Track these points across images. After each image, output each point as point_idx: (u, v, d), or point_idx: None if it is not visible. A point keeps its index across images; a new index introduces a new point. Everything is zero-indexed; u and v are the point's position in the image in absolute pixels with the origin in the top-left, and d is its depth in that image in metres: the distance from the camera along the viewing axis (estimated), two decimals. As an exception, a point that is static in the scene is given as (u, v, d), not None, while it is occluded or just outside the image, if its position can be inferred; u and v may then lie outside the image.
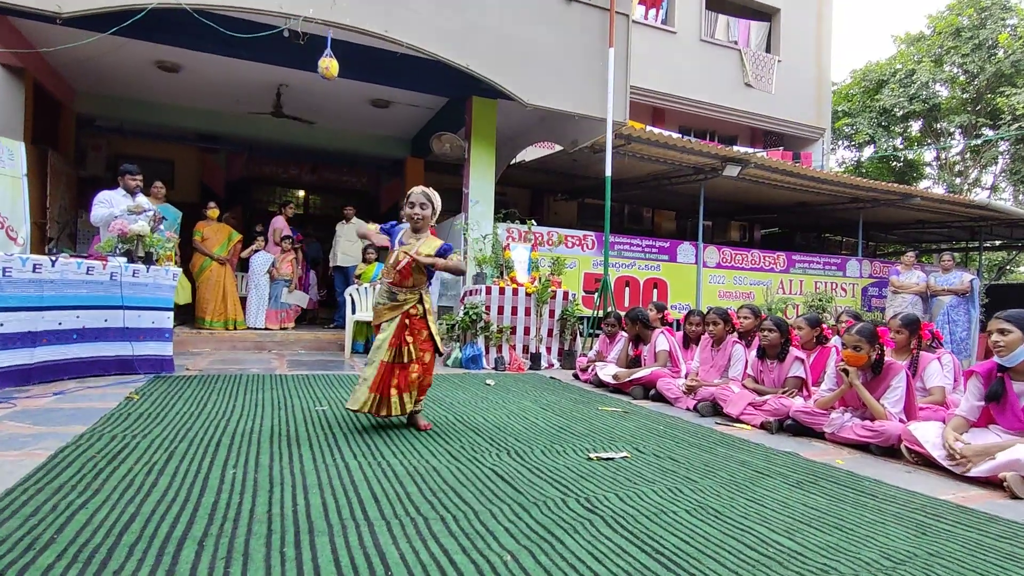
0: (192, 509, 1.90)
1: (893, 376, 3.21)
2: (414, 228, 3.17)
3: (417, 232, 3.17)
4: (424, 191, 3.14)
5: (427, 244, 3.12)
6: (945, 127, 17.61)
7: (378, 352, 3.11)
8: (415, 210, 3.11)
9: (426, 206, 3.12)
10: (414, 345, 3.11)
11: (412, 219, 3.13)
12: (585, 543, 1.78)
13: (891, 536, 1.95)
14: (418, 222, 3.13)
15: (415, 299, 3.15)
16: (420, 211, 3.10)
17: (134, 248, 4.57)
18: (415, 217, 3.12)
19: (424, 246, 3.10)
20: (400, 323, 3.10)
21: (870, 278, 10.57)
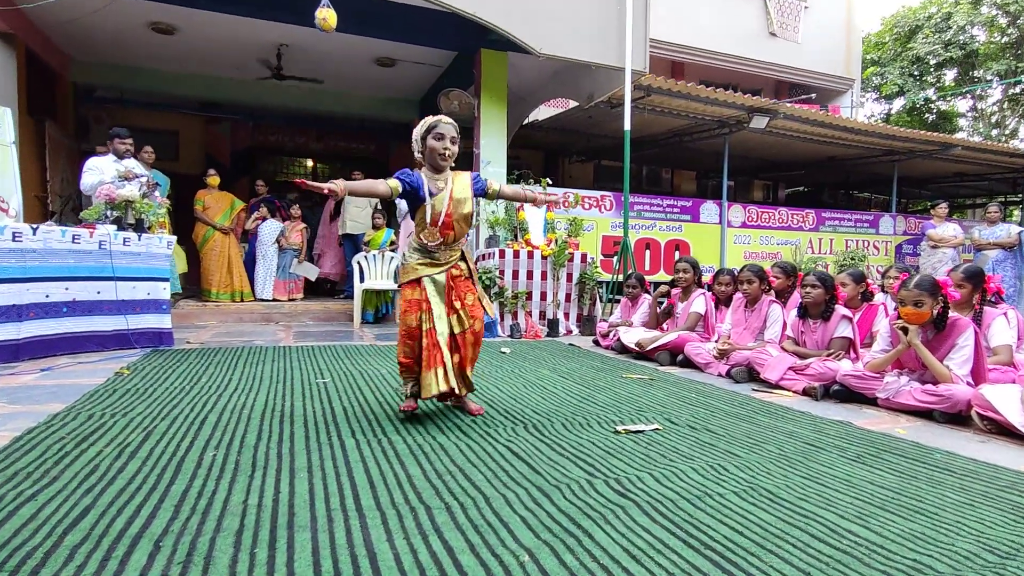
0: (157, 499, 1.64)
1: (959, 334, 2.84)
2: (436, 168, 2.57)
3: (439, 172, 2.58)
4: (452, 121, 2.55)
5: (460, 181, 2.61)
6: (982, 75, 16.59)
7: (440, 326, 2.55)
8: (445, 144, 2.50)
9: (456, 140, 2.55)
10: (463, 311, 2.60)
11: (443, 156, 2.52)
12: (618, 536, 1.48)
13: (985, 522, 1.62)
14: (447, 160, 2.54)
15: (457, 257, 2.65)
16: (452, 147, 2.53)
17: (123, 215, 4.30)
18: (447, 154, 2.52)
19: (459, 184, 2.59)
20: (447, 286, 2.60)
21: (904, 235, 10.03)
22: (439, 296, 2.57)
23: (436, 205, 2.52)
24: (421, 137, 2.54)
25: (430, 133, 2.51)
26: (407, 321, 2.54)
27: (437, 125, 2.51)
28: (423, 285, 2.56)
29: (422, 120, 2.56)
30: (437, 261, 2.59)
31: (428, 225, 2.53)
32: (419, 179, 2.53)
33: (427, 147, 2.53)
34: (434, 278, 2.57)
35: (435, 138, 2.50)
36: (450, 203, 2.54)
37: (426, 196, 2.52)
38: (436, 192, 2.53)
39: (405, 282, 2.59)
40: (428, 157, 2.55)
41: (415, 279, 2.57)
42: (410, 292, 2.57)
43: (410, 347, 2.54)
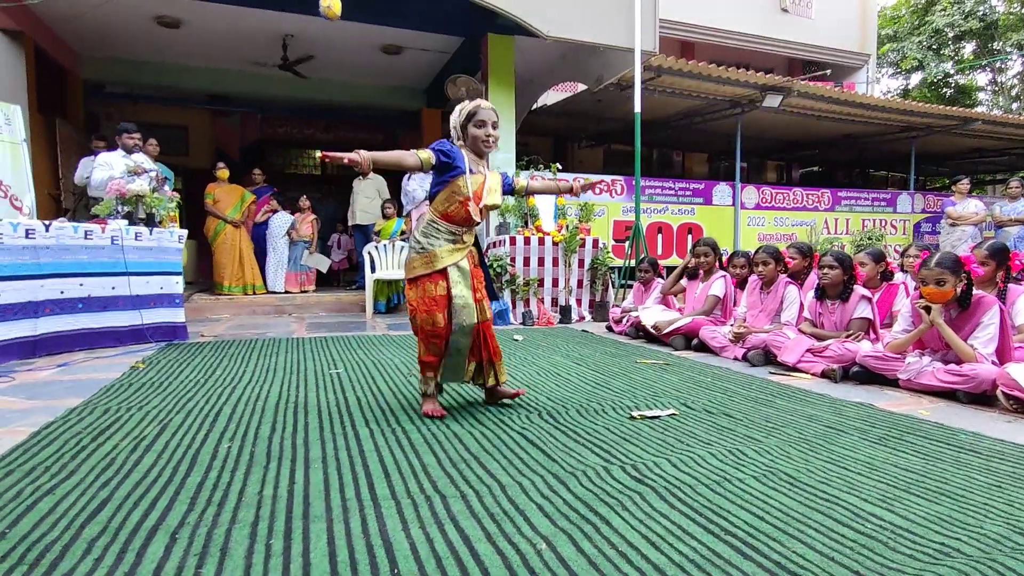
0: (173, 492, 1.64)
1: (984, 312, 2.76)
2: (479, 154, 2.47)
3: (480, 158, 2.49)
4: (491, 105, 2.44)
5: (495, 176, 2.53)
6: (1002, 47, 16.15)
7: (466, 314, 2.40)
8: (487, 130, 2.39)
9: (498, 124, 2.45)
10: (482, 302, 2.52)
11: (485, 143, 2.42)
12: (636, 523, 1.46)
13: (1015, 504, 1.58)
14: (490, 147, 2.45)
15: (473, 240, 2.55)
16: (495, 132, 2.42)
17: (134, 210, 4.31)
18: (491, 140, 2.42)
19: (494, 178, 2.52)
20: (471, 271, 2.48)
21: (923, 213, 9.83)
22: (465, 284, 2.43)
23: (473, 184, 2.39)
24: (461, 125, 2.43)
25: (471, 121, 2.40)
26: (434, 320, 2.37)
27: (477, 112, 2.39)
28: (448, 275, 2.39)
29: (458, 107, 2.44)
30: (463, 245, 2.46)
31: (461, 200, 2.38)
32: (460, 154, 2.40)
33: (469, 135, 2.42)
34: (459, 265, 2.43)
35: (477, 126, 2.39)
36: (482, 188, 2.43)
37: (466, 171, 2.38)
38: (475, 173, 2.42)
39: (425, 274, 2.38)
40: (471, 144, 2.44)
41: (439, 270, 2.39)
42: (432, 287, 2.38)
43: (436, 345, 2.41)
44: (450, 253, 2.41)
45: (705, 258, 4.47)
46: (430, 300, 2.38)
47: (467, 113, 2.41)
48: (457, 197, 2.38)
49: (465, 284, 2.42)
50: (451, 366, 2.49)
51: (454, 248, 2.43)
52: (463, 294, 2.40)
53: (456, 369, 2.50)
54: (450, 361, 2.46)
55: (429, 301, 2.38)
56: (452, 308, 2.36)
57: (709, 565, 1.26)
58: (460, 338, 2.42)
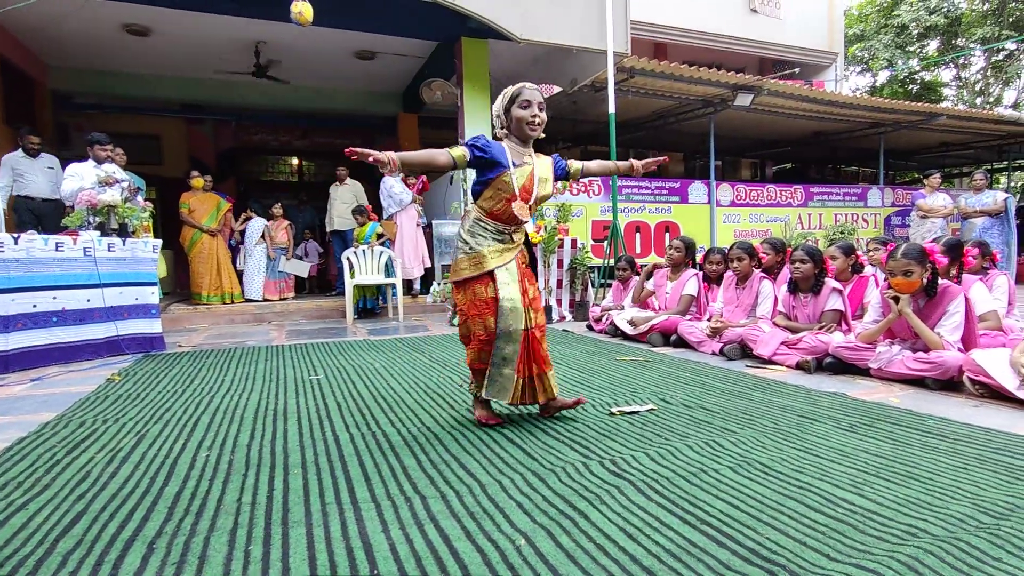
0: (150, 502, 1.62)
1: (950, 301, 2.85)
2: (524, 138, 2.28)
3: (525, 144, 2.30)
4: (536, 86, 2.26)
5: (542, 161, 2.36)
6: (965, 43, 16.61)
7: (513, 318, 2.20)
8: (533, 111, 2.22)
9: (544, 106, 2.26)
10: (532, 305, 2.31)
11: (532, 125, 2.23)
12: (614, 516, 1.48)
13: (980, 484, 1.63)
14: (535, 130, 2.25)
15: (522, 238, 2.39)
16: (541, 114, 2.24)
17: (106, 220, 4.25)
18: (537, 122, 2.23)
19: (542, 164, 2.34)
20: (520, 272, 2.30)
21: (893, 206, 10.06)
22: (514, 285, 2.24)
23: (519, 178, 2.22)
24: (504, 109, 2.27)
25: (514, 103, 2.24)
26: (486, 324, 2.20)
27: (522, 92, 2.23)
28: (496, 278, 2.21)
29: (501, 93, 2.29)
30: (513, 244, 2.29)
31: (507, 199, 2.21)
32: (500, 147, 2.23)
33: (512, 118, 2.24)
34: (508, 267, 2.25)
35: (521, 106, 2.23)
36: (531, 180, 2.25)
37: (509, 166, 2.20)
38: (520, 164, 2.24)
39: (474, 277, 2.22)
40: (515, 128, 2.26)
41: (488, 271, 2.22)
42: (483, 289, 2.22)
43: (487, 352, 2.24)
44: (499, 254, 2.25)
45: (676, 252, 4.55)
46: (481, 304, 2.22)
47: (511, 95, 2.24)
48: (504, 195, 2.21)
49: (514, 286, 2.24)
50: (498, 381, 2.22)
51: (503, 248, 2.26)
52: (512, 296, 2.21)
53: (503, 385, 2.22)
54: (495, 373, 2.22)
55: (480, 305, 2.22)
56: (499, 311, 2.19)
57: (684, 554, 1.29)
58: (505, 345, 2.21)
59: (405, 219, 7.14)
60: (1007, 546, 1.28)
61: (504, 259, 2.25)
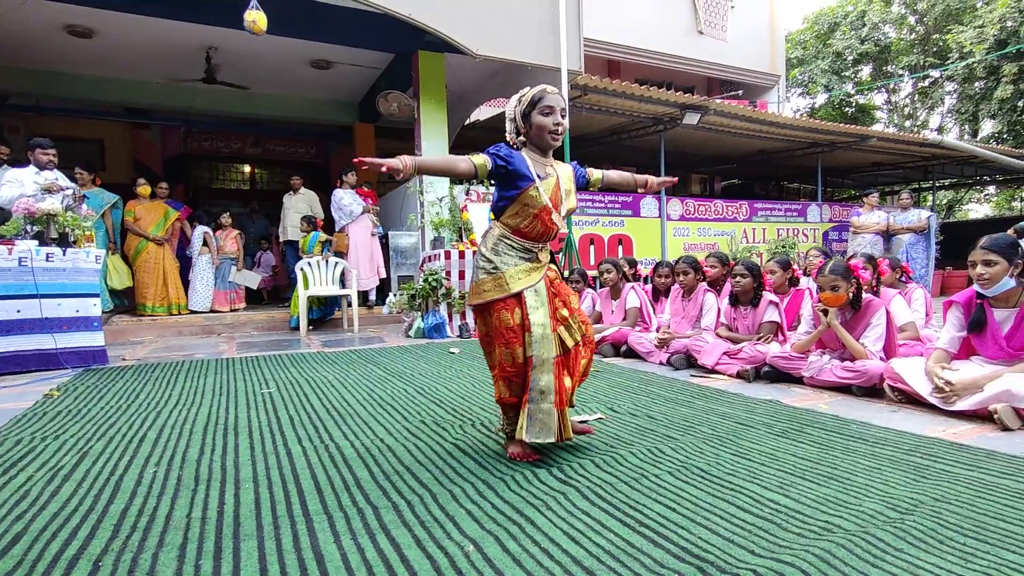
0: (95, 520, 1.60)
1: (872, 313, 3.08)
2: (545, 148, 2.11)
3: (546, 154, 2.14)
4: (557, 90, 2.08)
5: (564, 171, 2.19)
6: (895, 70, 17.74)
7: (545, 346, 2.01)
8: (556, 118, 2.04)
9: (567, 113, 2.11)
10: (573, 319, 2.14)
11: (555, 134, 2.06)
12: (559, 520, 1.56)
13: (890, 483, 1.79)
14: (558, 138, 2.08)
15: (548, 258, 2.19)
16: (564, 121, 2.08)
17: (45, 229, 4.09)
18: (560, 130, 2.06)
19: (564, 173, 2.17)
20: (549, 292, 2.10)
21: (830, 222, 10.63)
22: (543, 308, 2.05)
23: (545, 191, 2.04)
24: (524, 114, 2.06)
25: (535, 108, 2.04)
26: (513, 355, 2.01)
27: (544, 97, 2.04)
28: (524, 300, 2.02)
29: (518, 94, 2.10)
30: (540, 264, 2.11)
31: (536, 212, 2.04)
32: (521, 158, 2.05)
33: (533, 124, 2.05)
34: (536, 288, 2.06)
35: (543, 113, 2.03)
36: (557, 192, 2.09)
37: (534, 178, 2.03)
38: (544, 176, 2.06)
39: (498, 299, 2.01)
40: (535, 137, 2.07)
41: (514, 294, 2.02)
42: (508, 315, 2.01)
43: (518, 384, 2.05)
44: (526, 274, 2.06)
45: (608, 275, 4.74)
46: (507, 331, 2.01)
47: (531, 99, 2.04)
48: (531, 210, 2.03)
49: (544, 310, 2.05)
50: (537, 418, 1.99)
51: (531, 268, 2.08)
52: (542, 322, 2.02)
53: (544, 422, 1.99)
54: (535, 410, 1.99)
55: (507, 332, 2.01)
56: (530, 339, 1.99)
57: (623, 555, 1.38)
58: (540, 376, 2.00)
59: (357, 230, 7.12)
60: (908, 538, 1.42)
61: (532, 279, 2.06)
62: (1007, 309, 2.61)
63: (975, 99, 15.89)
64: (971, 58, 14.54)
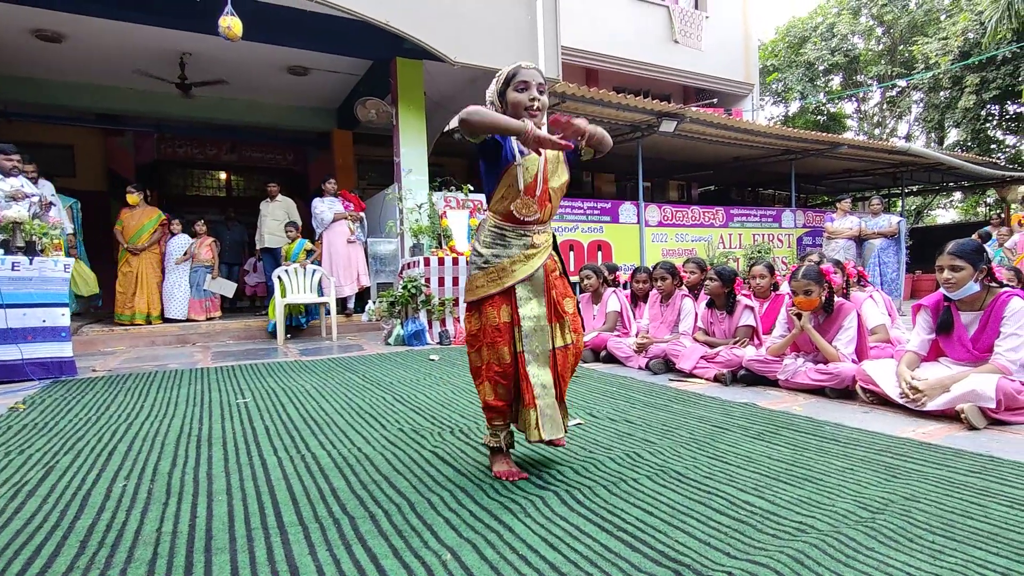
0: (61, 536, 1.56)
1: (845, 317, 3.14)
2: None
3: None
4: (535, 66, 1.97)
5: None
6: (864, 79, 18.20)
7: (538, 338, 1.93)
8: (531, 93, 1.91)
9: (545, 89, 1.97)
10: (566, 320, 2.01)
11: (531, 110, 1.91)
12: (537, 527, 1.56)
13: (862, 483, 1.82)
14: (535, 114, 1.93)
15: (551, 241, 2.04)
16: (542, 97, 1.94)
17: (11, 237, 3.99)
18: (536, 106, 1.92)
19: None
20: (545, 284, 1.98)
21: (804, 228, 10.83)
22: (538, 299, 1.95)
23: (528, 168, 1.93)
24: (499, 92, 1.97)
25: (510, 85, 1.93)
26: (499, 355, 1.90)
27: (518, 72, 1.93)
28: (515, 295, 1.92)
29: (497, 74, 1.99)
30: (534, 248, 1.96)
31: (523, 195, 1.92)
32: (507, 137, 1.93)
33: (509, 103, 1.94)
34: (533, 278, 1.94)
35: (518, 88, 1.92)
36: (545, 167, 1.96)
37: (516, 155, 1.92)
38: (526, 153, 1.94)
39: (487, 296, 1.92)
40: (512, 115, 1.93)
41: (504, 290, 1.92)
42: (494, 313, 1.91)
43: (505, 387, 1.93)
44: (524, 262, 1.94)
45: (587, 280, 4.76)
46: (493, 330, 1.91)
47: (506, 76, 1.95)
48: (518, 189, 1.92)
49: (538, 301, 1.95)
50: (548, 414, 1.90)
51: (528, 254, 1.95)
52: (534, 314, 1.93)
53: (553, 417, 1.91)
54: (545, 407, 1.90)
55: (492, 332, 1.91)
56: (521, 333, 1.91)
57: (600, 559, 1.38)
58: (539, 371, 1.92)
59: (333, 237, 7.07)
60: (879, 536, 1.45)
61: (531, 267, 1.94)
62: (973, 312, 2.68)
63: (940, 108, 16.38)
64: (936, 69, 14.99)
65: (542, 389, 1.90)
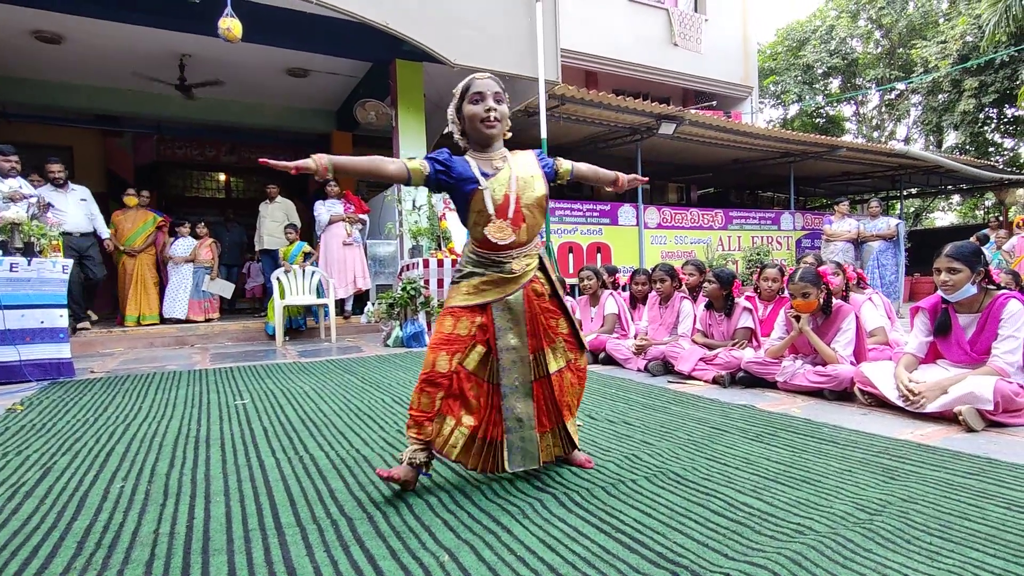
0: (58, 537, 1.55)
1: (843, 319, 3.14)
2: (483, 140, 1.89)
3: (488, 147, 1.90)
4: (491, 76, 1.88)
5: (522, 158, 1.94)
6: (862, 82, 18.25)
7: (519, 371, 1.88)
8: (487, 104, 1.82)
9: (503, 99, 1.88)
10: (559, 341, 1.95)
11: (488, 122, 1.83)
12: (535, 528, 1.56)
13: (860, 485, 1.82)
14: (494, 126, 1.84)
15: (535, 264, 1.92)
16: (499, 107, 1.84)
17: (9, 238, 3.99)
18: (492, 117, 1.83)
19: (521, 161, 1.93)
20: (527, 310, 1.89)
21: (803, 230, 10.84)
22: (517, 329, 1.87)
23: (496, 189, 1.82)
24: (456, 108, 1.90)
25: (465, 98, 1.85)
26: (435, 361, 1.79)
27: (471, 84, 1.84)
28: (490, 314, 1.85)
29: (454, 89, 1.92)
30: (511, 274, 1.86)
31: (493, 218, 1.81)
32: (463, 162, 1.85)
33: (466, 117, 1.86)
34: (509, 303, 1.86)
35: (472, 101, 1.83)
36: (516, 183, 1.85)
37: (479, 180, 1.81)
38: (492, 173, 1.84)
39: (461, 307, 1.85)
40: (470, 130, 1.88)
41: (471, 307, 1.85)
42: (451, 322, 1.83)
43: (429, 398, 1.80)
44: (501, 287, 1.85)
45: (588, 281, 4.77)
46: (442, 338, 1.82)
47: (460, 90, 1.87)
48: (487, 213, 1.81)
49: (517, 331, 1.87)
50: (518, 447, 1.87)
51: (506, 278, 1.85)
52: (513, 345, 1.86)
53: (527, 449, 1.87)
54: (514, 439, 1.86)
55: (441, 339, 1.82)
56: (499, 365, 1.86)
57: (599, 561, 1.38)
58: (516, 403, 1.87)
59: (329, 239, 7.08)
60: (877, 538, 1.45)
61: (504, 291, 1.85)
62: (970, 314, 2.69)
63: (939, 111, 16.41)
64: (935, 72, 15.03)
65: (516, 423, 1.86)
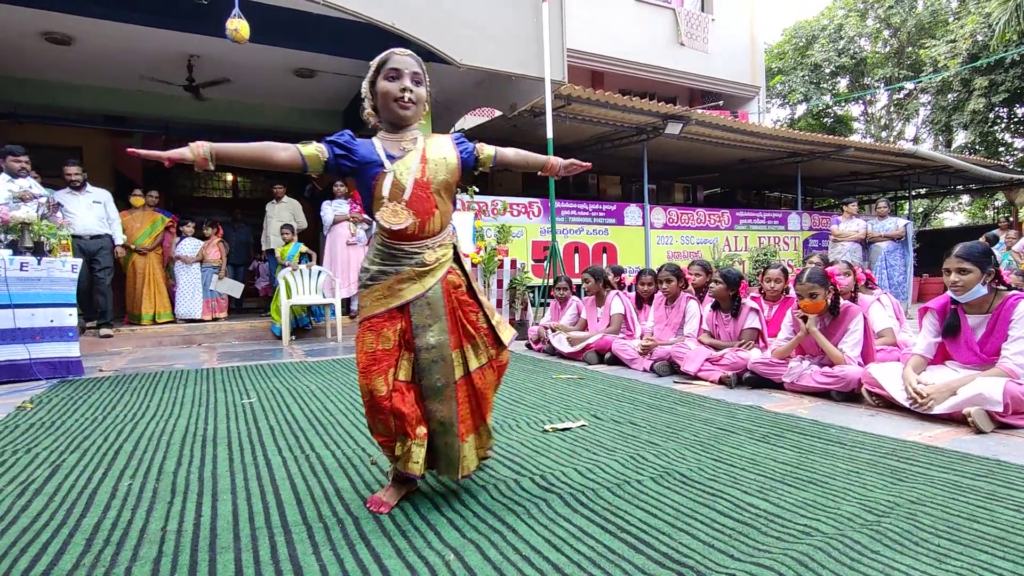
0: (67, 534, 1.57)
1: (851, 319, 3.12)
2: (396, 121, 1.72)
3: (401, 130, 1.74)
4: (411, 54, 1.73)
5: (436, 141, 1.77)
6: (871, 82, 18.14)
7: (440, 370, 1.70)
8: (403, 83, 1.67)
9: (422, 80, 1.72)
10: (479, 336, 1.76)
11: (401, 102, 1.67)
12: (540, 528, 1.56)
13: (868, 486, 1.81)
14: (408, 108, 1.69)
15: (450, 255, 1.77)
16: (416, 88, 1.69)
17: (20, 238, 4.02)
18: (407, 99, 1.67)
19: (435, 144, 1.76)
20: (449, 302, 1.73)
21: (810, 230, 10.79)
22: (439, 325, 1.70)
23: (401, 172, 1.66)
24: (370, 82, 1.72)
25: (380, 72, 1.69)
26: (373, 386, 1.62)
27: (389, 59, 1.69)
28: (411, 323, 1.68)
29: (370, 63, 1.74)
30: (426, 266, 1.69)
31: (388, 202, 1.65)
32: (368, 144, 1.70)
33: (379, 93, 1.70)
34: (428, 298, 1.69)
35: (387, 77, 1.67)
36: (423, 167, 1.69)
37: (383, 162, 1.67)
38: (400, 155, 1.69)
39: (378, 314, 1.66)
40: (382, 109, 1.71)
41: (389, 312, 1.66)
42: (371, 339, 1.65)
43: (383, 422, 1.66)
44: (416, 280, 1.68)
45: (587, 283, 4.77)
46: (369, 359, 1.63)
47: (376, 64, 1.71)
48: (384, 198, 1.66)
49: (439, 327, 1.70)
50: (442, 452, 1.75)
51: (421, 271, 1.69)
52: (434, 343, 1.69)
53: (449, 456, 1.74)
54: (440, 444, 1.74)
55: (367, 359, 1.64)
56: (419, 365, 1.69)
57: (604, 561, 1.37)
58: (438, 406, 1.71)
59: (333, 239, 7.11)
60: (884, 540, 1.44)
61: (423, 286, 1.68)
62: (980, 315, 2.66)
63: (948, 111, 16.29)
64: (945, 72, 14.91)
65: (440, 426, 1.72)
